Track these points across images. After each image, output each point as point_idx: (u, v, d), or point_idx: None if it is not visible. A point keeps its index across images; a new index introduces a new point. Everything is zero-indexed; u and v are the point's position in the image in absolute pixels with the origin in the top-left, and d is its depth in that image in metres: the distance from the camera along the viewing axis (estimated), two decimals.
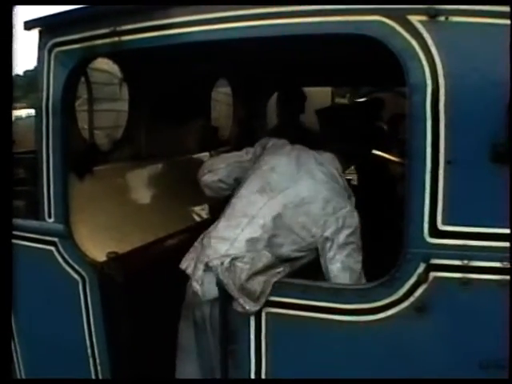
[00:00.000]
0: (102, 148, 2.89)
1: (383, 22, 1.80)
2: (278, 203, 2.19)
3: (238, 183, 2.40)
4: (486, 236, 1.77)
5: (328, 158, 2.30)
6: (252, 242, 2.14)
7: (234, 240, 2.17)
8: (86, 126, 2.74)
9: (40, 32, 2.32)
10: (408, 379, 1.87)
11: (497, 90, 1.71)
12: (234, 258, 2.07)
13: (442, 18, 1.74)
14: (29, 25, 2.31)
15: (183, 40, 2.11)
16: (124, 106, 3.05)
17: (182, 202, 3.13)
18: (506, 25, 1.68)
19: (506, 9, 1.69)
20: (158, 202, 2.99)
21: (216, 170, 2.47)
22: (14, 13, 2.13)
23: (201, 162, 3.55)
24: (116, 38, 2.13)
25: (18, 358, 2.61)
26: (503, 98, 1.69)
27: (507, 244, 1.74)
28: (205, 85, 3.79)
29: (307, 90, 4.05)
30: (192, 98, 3.53)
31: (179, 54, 2.69)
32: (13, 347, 2.60)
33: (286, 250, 2.16)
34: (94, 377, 2.37)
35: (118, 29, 2.13)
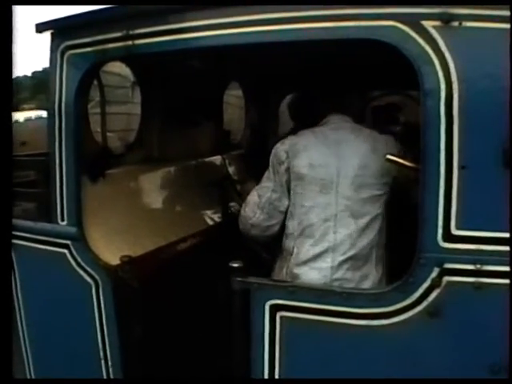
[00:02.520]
0: (114, 151, 2.90)
1: (397, 28, 1.80)
2: (346, 184, 2.22)
3: (285, 196, 2.35)
4: (499, 240, 1.77)
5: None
6: (351, 234, 2.21)
7: (335, 247, 2.22)
8: (98, 129, 2.75)
9: (52, 34, 2.33)
10: (408, 379, 1.88)
11: (509, 95, 1.72)
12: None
13: (456, 24, 1.75)
14: (40, 27, 2.32)
15: (197, 44, 2.12)
16: (137, 109, 3.06)
17: (195, 205, 3.14)
18: None
19: None
20: (170, 205, 2.99)
21: (255, 221, 2.39)
22: (13, 13, 2.12)
23: (213, 166, 3.58)
24: (129, 42, 2.14)
25: (28, 361, 2.63)
26: None
27: None
28: (217, 88, 3.79)
29: None
30: (204, 101, 3.52)
31: (191, 58, 2.69)
32: (24, 349, 2.62)
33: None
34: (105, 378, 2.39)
35: (131, 32, 2.13)
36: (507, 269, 1.77)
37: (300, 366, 2.05)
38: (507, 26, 1.71)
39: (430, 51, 1.78)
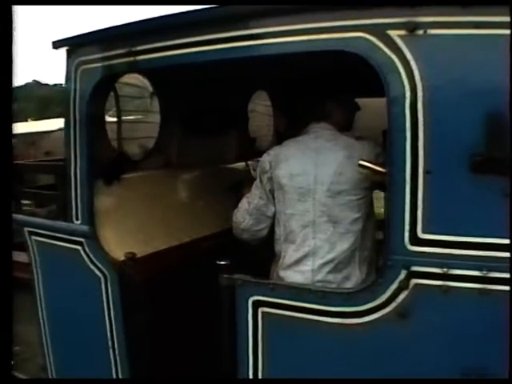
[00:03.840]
0: (133, 157, 3.12)
1: (365, 38, 1.88)
2: (322, 191, 2.32)
3: (271, 203, 2.49)
4: (464, 245, 1.80)
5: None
6: (329, 239, 2.31)
7: (314, 251, 2.33)
8: (115, 137, 2.97)
9: (67, 51, 2.56)
10: (408, 379, 1.92)
11: (474, 101, 1.76)
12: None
13: (421, 32, 1.80)
14: (57, 44, 2.57)
15: (192, 59, 2.26)
16: (156, 117, 3.27)
17: (211, 208, 3.28)
18: (484, 35, 1.73)
19: (485, 19, 1.73)
20: (186, 209, 3.15)
21: (246, 226, 2.54)
22: (13, 12, 2.10)
23: (235, 172, 3.72)
24: (131, 58, 2.33)
25: (48, 349, 2.90)
26: (480, 108, 1.74)
27: (486, 253, 1.77)
28: (241, 97, 3.93)
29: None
30: (227, 110, 3.66)
31: (213, 69, 2.76)
32: (44, 338, 2.89)
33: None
34: (113, 366, 2.59)
35: (133, 49, 2.32)
36: (474, 273, 1.80)
37: (280, 360, 2.16)
38: (472, 31, 1.75)
39: (396, 60, 1.84)
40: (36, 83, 58.82)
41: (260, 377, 2.19)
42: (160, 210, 3.01)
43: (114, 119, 3.02)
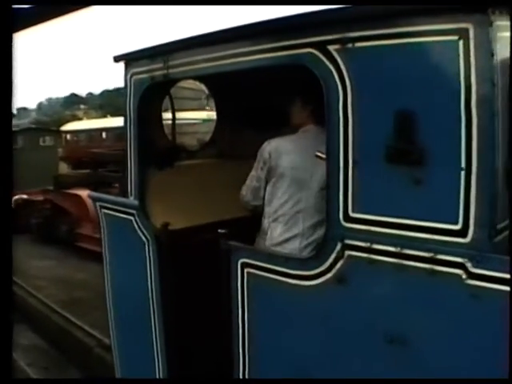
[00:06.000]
0: (190, 148, 3.78)
1: (312, 53, 2.28)
2: (315, 186, 2.78)
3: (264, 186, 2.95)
4: (382, 224, 2.14)
5: None
6: (314, 225, 2.79)
7: (302, 234, 2.83)
8: (170, 131, 3.66)
9: (125, 64, 3.25)
10: (408, 379, 2.12)
11: (388, 100, 2.10)
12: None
13: (350, 45, 2.17)
14: (117, 58, 3.27)
15: (212, 70, 2.82)
16: (212, 115, 3.90)
17: None
18: (398, 44, 2.06)
19: (399, 30, 2.05)
20: (227, 194, 3.47)
21: (247, 200, 3.07)
22: (13, 12, 2.24)
23: None
24: (165, 71, 2.98)
25: (109, 296, 3.67)
26: (392, 106, 2.07)
27: (400, 232, 2.09)
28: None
29: None
30: (281, 108, 4.09)
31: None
32: (106, 288, 3.67)
33: None
34: (152, 321, 3.24)
35: (167, 64, 2.97)
36: (390, 249, 2.12)
37: (258, 311, 2.63)
38: (389, 42, 2.09)
39: (333, 70, 2.21)
40: None
41: (246, 320, 2.66)
42: (204, 193, 3.56)
43: (170, 117, 3.72)
